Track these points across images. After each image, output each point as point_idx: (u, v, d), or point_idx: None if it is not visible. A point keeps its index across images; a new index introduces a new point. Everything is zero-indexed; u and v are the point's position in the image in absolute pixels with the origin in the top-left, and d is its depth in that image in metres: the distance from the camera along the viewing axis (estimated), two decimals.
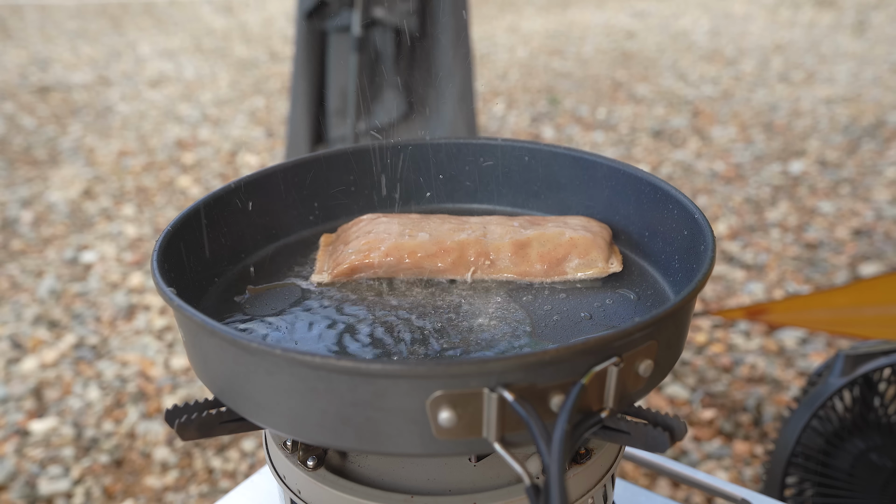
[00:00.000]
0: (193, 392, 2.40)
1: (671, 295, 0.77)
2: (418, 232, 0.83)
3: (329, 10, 2.72)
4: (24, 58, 6.26)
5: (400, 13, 2.68)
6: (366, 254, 0.81)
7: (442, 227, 0.85)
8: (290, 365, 0.56)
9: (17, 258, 3.23)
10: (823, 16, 7.08)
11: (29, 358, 2.57)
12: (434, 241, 0.82)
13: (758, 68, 5.62)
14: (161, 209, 3.64)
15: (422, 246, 0.82)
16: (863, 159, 3.97)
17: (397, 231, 0.83)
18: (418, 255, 0.81)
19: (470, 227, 0.85)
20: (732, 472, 2.05)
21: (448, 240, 0.82)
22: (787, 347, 2.51)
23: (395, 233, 0.83)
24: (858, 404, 1.46)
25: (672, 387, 2.36)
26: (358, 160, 0.95)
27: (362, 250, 0.82)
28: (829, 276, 2.93)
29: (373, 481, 0.68)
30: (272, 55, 6.40)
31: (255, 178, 0.87)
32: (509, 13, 7.85)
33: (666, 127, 4.56)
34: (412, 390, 0.54)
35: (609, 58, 6.08)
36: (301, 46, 2.82)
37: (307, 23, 2.77)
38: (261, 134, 4.61)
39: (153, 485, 2.07)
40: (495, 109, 4.95)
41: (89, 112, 5.01)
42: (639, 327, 0.58)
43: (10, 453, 2.17)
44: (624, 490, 0.99)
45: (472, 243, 0.82)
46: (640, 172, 0.85)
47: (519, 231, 0.84)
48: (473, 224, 0.86)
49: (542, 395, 0.55)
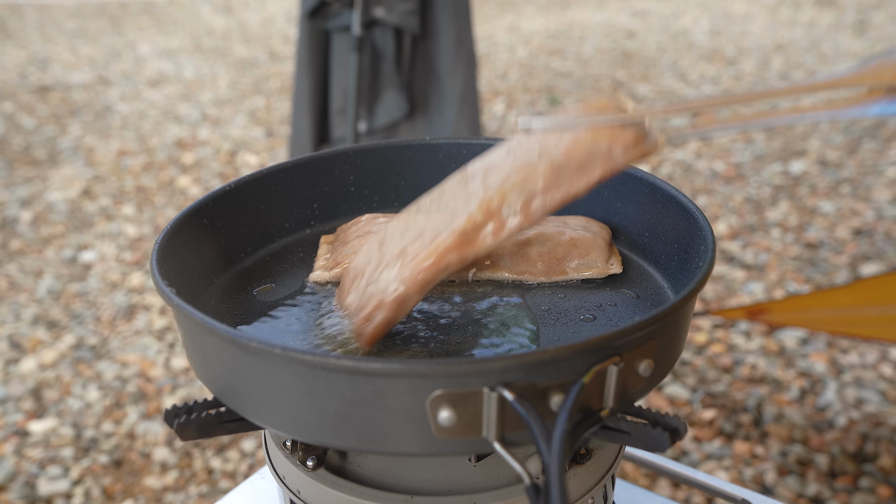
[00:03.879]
0: (193, 392, 2.40)
1: (671, 295, 0.77)
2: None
3: (331, 9, 2.73)
4: (23, 57, 6.26)
5: (400, 13, 2.68)
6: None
7: None
8: (290, 364, 0.56)
9: (16, 258, 3.23)
10: (824, 15, 7.07)
11: (28, 358, 2.57)
12: None
13: (758, 68, 5.62)
14: (161, 209, 3.64)
15: None
16: (863, 159, 3.97)
17: None
18: None
19: None
20: (733, 472, 2.04)
21: None
22: (787, 347, 2.51)
23: None
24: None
25: (672, 387, 2.35)
26: (358, 160, 0.95)
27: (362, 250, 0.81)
28: (830, 275, 2.93)
29: (372, 481, 0.68)
30: (272, 55, 6.40)
31: (254, 177, 0.87)
32: (509, 13, 7.85)
33: (666, 127, 4.55)
34: (412, 389, 0.54)
35: (609, 57, 6.08)
36: (304, 46, 2.82)
37: (309, 22, 2.77)
38: (260, 134, 4.61)
39: (153, 485, 2.07)
40: (495, 109, 4.95)
41: (89, 112, 5.01)
42: (639, 326, 0.58)
43: (10, 454, 2.17)
44: (624, 490, 0.99)
45: None
46: (639, 172, 0.85)
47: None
48: None
49: (542, 394, 0.55)
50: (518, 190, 0.64)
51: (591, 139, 0.64)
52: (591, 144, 0.64)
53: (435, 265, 0.64)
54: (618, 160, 0.64)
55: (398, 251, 0.67)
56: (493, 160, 0.69)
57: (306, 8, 2.74)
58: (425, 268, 0.64)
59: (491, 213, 0.64)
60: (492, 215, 0.64)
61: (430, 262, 0.64)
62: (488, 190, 0.66)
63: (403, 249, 0.67)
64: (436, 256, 0.64)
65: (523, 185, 0.64)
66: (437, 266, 0.64)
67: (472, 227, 0.64)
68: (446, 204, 0.69)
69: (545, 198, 0.64)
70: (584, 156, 0.64)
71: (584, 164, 0.64)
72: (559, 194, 0.64)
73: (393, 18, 2.68)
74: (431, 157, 0.96)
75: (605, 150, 0.63)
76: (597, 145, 0.64)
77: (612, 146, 0.64)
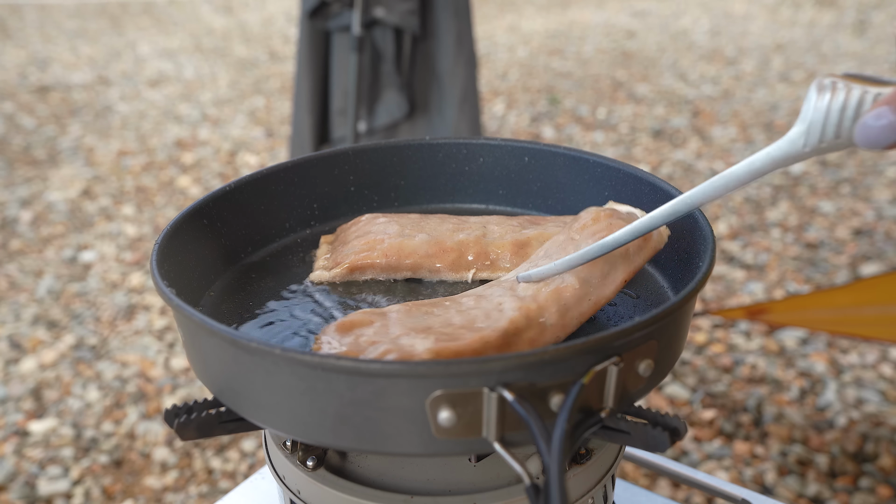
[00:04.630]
0: (193, 392, 2.40)
1: (671, 295, 0.77)
2: (417, 232, 0.83)
3: (331, 9, 2.73)
4: (23, 57, 6.26)
5: (400, 13, 2.68)
6: (365, 254, 0.81)
7: (441, 227, 0.84)
8: (290, 364, 0.56)
9: (15, 258, 3.23)
10: (824, 15, 7.07)
11: (28, 358, 2.57)
12: (434, 241, 0.82)
13: (758, 68, 5.61)
14: (161, 209, 3.64)
15: (421, 246, 0.81)
16: (863, 159, 3.97)
17: (396, 231, 0.83)
18: (418, 255, 0.81)
19: (469, 227, 0.84)
20: (733, 472, 2.04)
21: (448, 240, 0.82)
22: (787, 347, 2.51)
23: (394, 233, 0.83)
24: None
25: (672, 387, 2.35)
26: (358, 160, 0.94)
27: (362, 250, 0.81)
28: (830, 275, 2.93)
29: (372, 482, 0.68)
30: (272, 55, 6.40)
31: (254, 177, 0.87)
32: (509, 13, 7.85)
33: (666, 127, 4.56)
34: (412, 390, 0.54)
35: (609, 57, 6.08)
36: (304, 46, 2.82)
37: (310, 22, 2.77)
38: (260, 134, 4.61)
39: (153, 485, 2.07)
40: (495, 109, 4.95)
41: (89, 112, 5.01)
42: (639, 326, 0.57)
43: (10, 454, 2.17)
44: (624, 490, 0.99)
45: (472, 243, 0.82)
46: (639, 172, 0.85)
47: (519, 231, 0.84)
48: (473, 224, 0.85)
49: (541, 394, 0.55)
50: (553, 301, 0.68)
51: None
52: (608, 255, 0.69)
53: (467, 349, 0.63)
54: (636, 261, 0.71)
55: (423, 327, 0.66)
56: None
57: (306, 8, 2.74)
58: (454, 349, 0.62)
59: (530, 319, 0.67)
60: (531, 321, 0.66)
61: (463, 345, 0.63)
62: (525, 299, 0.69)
63: (429, 327, 0.66)
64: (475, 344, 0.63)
65: (558, 298, 0.68)
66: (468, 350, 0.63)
67: (513, 329, 0.65)
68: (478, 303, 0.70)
69: (578, 308, 0.68)
70: (605, 265, 0.70)
71: (606, 273, 0.70)
72: (589, 304, 0.69)
73: (393, 18, 2.68)
74: (431, 157, 0.96)
75: (621, 255, 0.70)
76: (614, 254, 0.70)
77: (627, 250, 0.70)
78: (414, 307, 0.70)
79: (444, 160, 0.96)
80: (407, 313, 0.68)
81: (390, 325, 0.66)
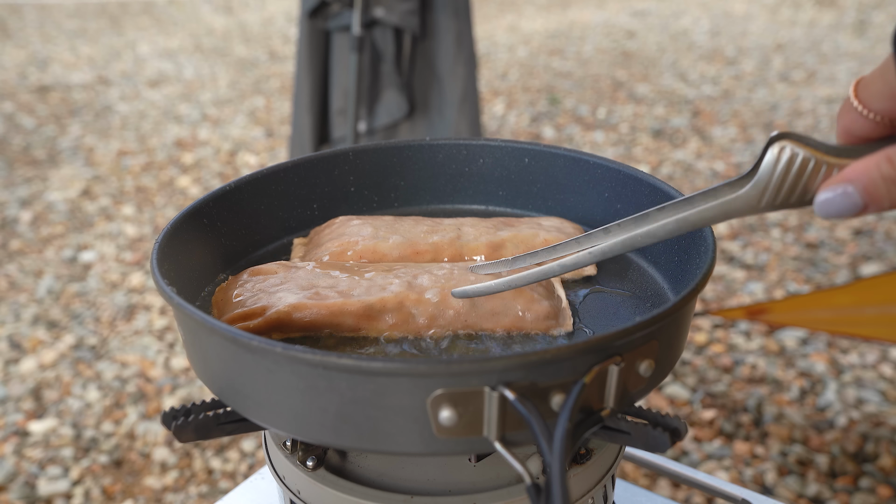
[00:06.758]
0: (193, 392, 2.40)
1: (671, 295, 0.77)
2: (392, 234, 0.83)
3: (331, 9, 2.73)
4: (23, 57, 6.26)
5: (400, 13, 2.68)
6: (339, 256, 0.81)
7: (416, 229, 0.84)
8: (291, 363, 0.56)
9: (15, 258, 3.23)
10: (824, 15, 7.08)
11: (28, 358, 2.57)
12: (408, 243, 0.82)
13: (758, 68, 5.62)
14: (161, 209, 3.64)
15: (395, 248, 0.81)
16: None
17: (370, 233, 0.83)
18: (392, 257, 0.81)
19: (444, 229, 0.84)
20: (733, 472, 2.04)
21: (422, 242, 0.82)
22: (787, 347, 2.51)
23: (368, 235, 0.82)
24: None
25: (672, 387, 2.35)
26: (358, 160, 0.94)
27: (335, 252, 0.81)
28: (830, 275, 2.93)
29: (372, 481, 0.68)
30: (272, 55, 6.40)
31: (254, 177, 0.87)
32: (509, 13, 7.85)
33: (666, 127, 4.56)
34: (413, 388, 0.54)
35: (609, 57, 6.08)
36: (304, 46, 2.82)
37: (310, 22, 2.77)
38: (260, 134, 4.61)
39: (153, 485, 2.07)
40: (495, 109, 4.95)
41: (88, 112, 5.01)
42: (640, 326, 0.57)
43: (10, 454, 2.17)
44: (624, 490, 0.99)
45: (447, 245, 0.82)
46: (639, 173, 0.85)
47: (493, 232, 0.84)
48: (447, 226, 0.85)
49: (543, 393, 0.55)
50: (436, 306, 0.71)
51: (512, 295, 0.72)
52: (508, 300, 0.71)
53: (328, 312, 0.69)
54: (525, 323, 0.71)
55: (309, 285, 0.72)
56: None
57: (306, 8, 2.74)
58: (310, 306, 0.69)
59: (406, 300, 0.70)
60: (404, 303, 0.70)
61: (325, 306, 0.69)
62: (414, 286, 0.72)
63: (314, 286, 0.72)
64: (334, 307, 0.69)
65: (445, 302, 0.71)
66: (329, 312, 0.69)
67: (380, 305, 0.69)
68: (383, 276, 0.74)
69: (458, 318, 0.71)
70: (498, 305, 0.71)
71: (496, 312, 0.71)
72: (468, 321, 0.71)
73: (393, 18, 2.68)
74: (431, 158, 0.96)
75: (516, 309, 0.71)
76: (513, 303, 0.71)
77: (526, 310, 0.71)
78: (335, 267, 0.75)
79: (445, 161, 0.96)
80: (311, 271, 0.74)
81: (288, 279, 0.72)
